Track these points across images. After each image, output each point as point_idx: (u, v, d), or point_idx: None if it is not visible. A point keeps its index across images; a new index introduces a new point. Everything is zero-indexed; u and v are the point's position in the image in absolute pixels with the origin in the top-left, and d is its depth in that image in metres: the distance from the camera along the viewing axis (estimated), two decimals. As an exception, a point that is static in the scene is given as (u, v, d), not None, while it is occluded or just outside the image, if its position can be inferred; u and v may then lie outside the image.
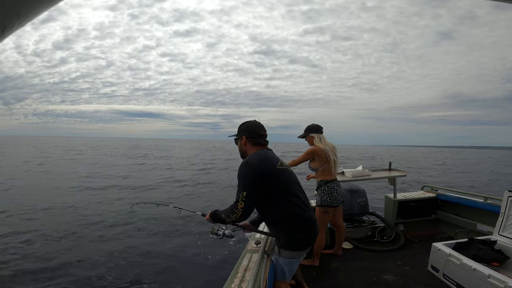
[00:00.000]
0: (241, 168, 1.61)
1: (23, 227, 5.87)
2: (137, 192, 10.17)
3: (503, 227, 2.61)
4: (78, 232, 5.71)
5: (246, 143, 1.76)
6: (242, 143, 1.78)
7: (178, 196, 9.78)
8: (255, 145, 1.77)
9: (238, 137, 1.81)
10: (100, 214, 7.07)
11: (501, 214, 2.66)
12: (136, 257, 4.62)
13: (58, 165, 18.73)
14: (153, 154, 34.41)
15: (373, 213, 3.95)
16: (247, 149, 1.77)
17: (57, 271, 4.01)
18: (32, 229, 5.73)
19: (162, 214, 7.07)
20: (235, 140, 1.85)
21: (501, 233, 2.61)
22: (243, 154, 1.80)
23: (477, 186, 13.05)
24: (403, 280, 2.55)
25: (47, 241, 5.20)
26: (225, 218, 1.63)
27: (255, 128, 1.78)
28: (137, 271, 4.13)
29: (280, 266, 1.69)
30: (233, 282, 1.53)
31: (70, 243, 5.11)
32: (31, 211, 7.03)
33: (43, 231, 5.67)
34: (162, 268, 4.24)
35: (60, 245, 4.99)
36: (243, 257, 1.86)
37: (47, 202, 8.05)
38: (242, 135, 1.78)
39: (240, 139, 1.79)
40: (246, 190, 1.54)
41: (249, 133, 1.77)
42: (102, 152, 36.56)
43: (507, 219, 2.61)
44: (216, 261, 4.44)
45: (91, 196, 9.27)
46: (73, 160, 23.78)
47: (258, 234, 2.28)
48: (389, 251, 3.20)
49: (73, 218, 6.64)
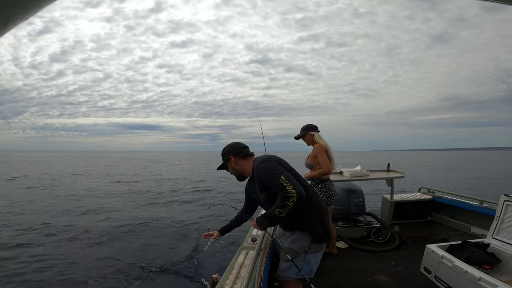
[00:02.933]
0: (262, 167, 1.63)
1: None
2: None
3: (497, 231, 2.63)
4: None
5: (236, 161, 1.77)
6: (233, 164, 1.78)
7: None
8: (245, 157, 1.78)
9: (226, 161, 1.80)
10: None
11: (496, 217, 2.68)
12: (133, 252, 4.64)
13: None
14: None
15: (369, 213, 3.97)
16: (241, 166, 1.78)
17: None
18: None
19: (162, 213, 7.10)
20: (226, 168, 1.85)
21: (494, 236, 2.63)
22: (240, 174, 1.80)
23: (476, 187, 13.12)
24: (396, 281, 2.57)
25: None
26: (280, 212, 1.48)
27: (236, 145, 1.82)
28: (130, 263, 4.15)
29: (309, 262, 1.69)
30: (228, 278, 1.54)
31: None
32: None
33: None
34: (156, 263, 4.26)
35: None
36: (239, 253, 1.87)
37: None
38: (228, 157, 1.79)
39: (229, 162, 1.79)
40: (281, 174, 1.52)
41: (234, 151, 1.79)
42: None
43: (501, 223, 2.64)
44: (211, 257, 4.46)
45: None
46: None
47: (255, 231, 2.30)
48: (384, 252, 3.22)
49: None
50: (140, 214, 7.30)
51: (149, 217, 6.81)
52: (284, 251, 1.69)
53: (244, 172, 1.80)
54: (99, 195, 10.56)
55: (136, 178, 17.37)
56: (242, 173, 1.80)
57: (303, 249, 1.66)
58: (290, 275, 1.71)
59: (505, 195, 2.68)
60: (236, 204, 2.37)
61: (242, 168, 1.78)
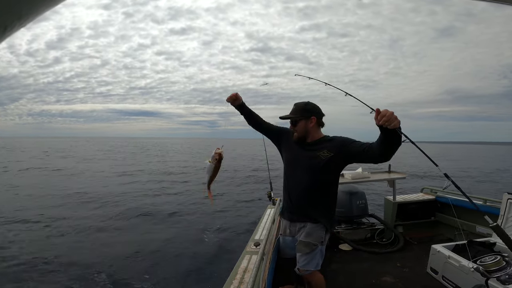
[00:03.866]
0: (342, 138, 1.68)
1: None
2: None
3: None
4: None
5: (314, 124, 1.71)
6: (309, 124, 1.70)
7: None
8: (320, 126, 1.76)
9: (304, 117, 1.70)
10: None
11: (500, 216, 2.66)
12: (133, 255, 4.60)
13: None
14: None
15: (372, 215, 3.95)
16: (312, 131, 1.72)
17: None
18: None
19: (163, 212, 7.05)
20: (295, 122, 1.73)
21: (500, 235, 2.61)
22: (305, 136, 1.73)
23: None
24: (402, 282, 2.54)
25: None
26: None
27: (320, 111, 1.75)
28: (132, 270, 4.11)
29: (322, 253, 1.73)
30: (232, 283, 1.52)
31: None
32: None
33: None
34: (160, 268, 4.22)
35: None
36: (242, 258, 1.85)
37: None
38: (311, 115, 1.70)
39: (306, 119, 1.71)
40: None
41: (318, 115, 1.72)
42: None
43: (506, 221, 2.62)
44: (215, 262, 4.42)
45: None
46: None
47: (258, 235, 2.28)
48: (388, 253, 3.20)
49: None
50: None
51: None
52: (302, 245, 1.70)
53: (310, 136, 1.74)
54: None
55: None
56: (308, 136, 1.73)
57: (320, 240, 1.68)
58: (311, 268, 1.72)
59: (508, 193, 2.67)
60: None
61: (312, 132, 1.73)
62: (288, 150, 1.82)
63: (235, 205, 8.63)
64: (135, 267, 4.28)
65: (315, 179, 1.67)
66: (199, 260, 4.52)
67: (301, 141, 1.75)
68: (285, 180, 1.84)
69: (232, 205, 8.54)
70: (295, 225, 1.81)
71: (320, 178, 1.66)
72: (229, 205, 8.58)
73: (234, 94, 1.82)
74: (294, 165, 1.77)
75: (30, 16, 0.35)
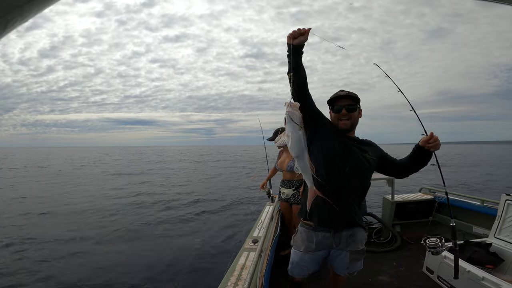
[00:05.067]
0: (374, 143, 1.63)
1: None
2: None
3: (499, 230, 2.63)
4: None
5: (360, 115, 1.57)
6: (358, 115, 1.55)
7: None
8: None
9: (359, 107, 1.55)
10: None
11: (498, 217, 2.67)
12: (133, 255, 4.62)
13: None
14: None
15: (370, 213, 3.97)
16: (356, 125, 1.57)
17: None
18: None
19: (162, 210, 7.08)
20: (353, 109, 1.51)
21: (496, 236, 2.62)
22: (354, 126, 1.55)
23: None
24: (398, 281, 2.56)
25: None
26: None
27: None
28: (130, 267, 4.14)
29: None
30: (229, 280, 1.53)
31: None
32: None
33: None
34: (157, 264, 4.24)
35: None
36: (240, 255, 1.86)
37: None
38: (359, 106, 1.55)
39: (359, 109, 1.56)
40: None
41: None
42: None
43: (503, 222, 2.63)
44: (212, 258, 4.45)
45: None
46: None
47: (256, 232, 2.29)
48: (385, 252, 3.21)
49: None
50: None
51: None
52: (359, 254, 1.59)
53: (353, 131, 1.58)
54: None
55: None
56: (354, 126, 1.55)
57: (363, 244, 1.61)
58: (360, 267, 1.70)
59: (506, 194, 2.68)
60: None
61: (356, 126, 1.56)
62: (336, 139, 1.49)
63: (233, 202, 8.65)
64: (135, 265, 4.30)
65: (367, 180, 1.53)
66: (197, 257, 4.54)
67: (349, 131, 1.55)
68: (324, 175, 1.42)
69: (230, 203, 8.57)
70: (339, 235, 1.52)
71: (369, 180, 1.55)
72: (228, 202, 8.61)
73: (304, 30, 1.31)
74: (344, 160, 1.45)
75: (32, 11, 0.35)
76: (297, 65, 1.33)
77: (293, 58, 1.30)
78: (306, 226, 1.56)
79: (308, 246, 1.54)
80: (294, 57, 1.30)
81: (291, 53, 1.29)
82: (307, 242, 1.54)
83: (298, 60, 1.34)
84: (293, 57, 1.30)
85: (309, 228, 1.54)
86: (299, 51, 1.34)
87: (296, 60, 1.32)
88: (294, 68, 1.30)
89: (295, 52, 1.31)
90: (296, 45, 1.31)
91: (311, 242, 1.53)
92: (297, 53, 1.33)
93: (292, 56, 1.29)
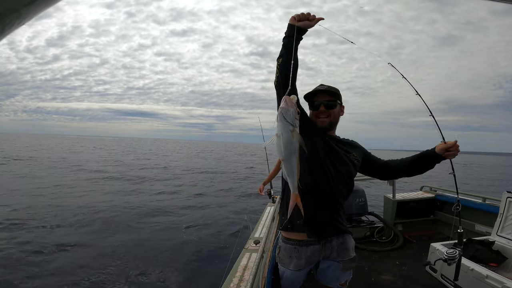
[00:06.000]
0: (357, 143, 1.54)
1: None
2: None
3: (502, 228, 2.62)
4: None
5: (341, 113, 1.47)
6: (340, 113, 1.46)
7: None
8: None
9: (338, 102, 1.42)
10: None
11: (500, 214, 2.66)
12: (135, 251, 4.61)
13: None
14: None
15: (372, 213, 3.96)
16: (336, 123, 1.47)
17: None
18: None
19: (161, 210, 7.06)
20: (333, 105, 1.39)
21: (499, 233, 2.61)
22: (334, 123, 1.44)
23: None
24: (401, 280, 2.55)
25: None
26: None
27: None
28: (130, 267, 4.13)
29: None
30: (231, 281, 1.53)
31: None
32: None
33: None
34: (160, 265, 4.24)
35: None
36: (242, 256, 1.85)
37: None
38: (341, 102, 1.44)
39: (340, 106, 1.44)
40: None
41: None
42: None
43: (505, 220, 2.62)
44: (214, 259, 4.44)
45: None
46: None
47: (257, 233, 2.28)
48: (388, 251, 3.21)
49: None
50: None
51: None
52: (351, 262, 1.45)
53: (334, 129, 1.48)
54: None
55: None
56: (335, 125, 1.46)
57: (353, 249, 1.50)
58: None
59: (507, 191, 2.67)
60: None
61: (336, 125, 1.47)
62: (316, 138, 1.35)
63: (235, 203, 8.65)
64: (135, 265, 4.29)
65: (351, 182, 1.44)
66: (199, 258, 4.53)
67: (328, 131, 1.44)
68: (308, 176, 1.28)
69: (232, 203, 8.56)
70: (330, 245, 1.37)
71: (353, 182, 1.45)
72: (229, 203, 8.60)
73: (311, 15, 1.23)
74: (328, 160, 1.34)
75: (29, 14, 0.35)
76: (294, 50, 1.21)
77: (291, 39, 1.21)
78: (290, 241, 1.37)
79: (297, 264, 1.35)
80: (292, 38, 1.21)
81: (293, 35, 1.20)
82: (296, 259, 1.36)
83: (296, 45, 1.22)
84: (292, 39, 1.21)
85: (294, 244, 1.35)
86: (300, 36, 1.24)
87: (294, 44, 1.21)
88: (288, 51, 1.21)
89: (297, 34, 1.22)
90: (299, 28, 1.21)
91: (299, 259, 1.35)
92: (298, 37, 1.23)
93: (294, 38, 1.20)
